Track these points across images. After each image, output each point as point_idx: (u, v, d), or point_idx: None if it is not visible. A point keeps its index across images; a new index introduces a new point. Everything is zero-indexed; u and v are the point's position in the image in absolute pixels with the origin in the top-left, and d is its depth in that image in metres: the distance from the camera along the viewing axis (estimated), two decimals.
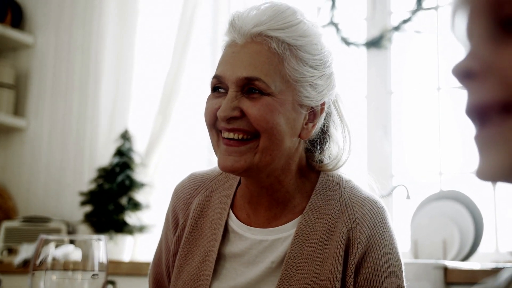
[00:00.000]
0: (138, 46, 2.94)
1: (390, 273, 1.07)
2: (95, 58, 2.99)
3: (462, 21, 0.46)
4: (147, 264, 2.55)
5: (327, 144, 1.16)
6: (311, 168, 1.15)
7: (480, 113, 0.43)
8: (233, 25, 1.06)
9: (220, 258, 1.13)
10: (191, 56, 2.83)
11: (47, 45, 3.19)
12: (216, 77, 1.06)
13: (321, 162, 1.15)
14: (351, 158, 1.16)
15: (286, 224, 1.10)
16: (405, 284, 1.09)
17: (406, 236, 2.46)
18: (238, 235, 1.13)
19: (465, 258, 2.30)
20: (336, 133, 1.17)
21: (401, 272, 1.09)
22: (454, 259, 2.29)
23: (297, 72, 1.04)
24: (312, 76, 1.06)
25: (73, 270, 0.91)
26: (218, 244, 1.12)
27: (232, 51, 1.06)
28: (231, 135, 1.04)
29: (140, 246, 2.76)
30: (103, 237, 0.94)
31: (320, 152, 1.16)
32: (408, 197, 2.45)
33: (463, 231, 2.31)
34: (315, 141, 1.15)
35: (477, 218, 2.31)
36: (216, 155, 1.07)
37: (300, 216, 1.10)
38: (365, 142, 2.73)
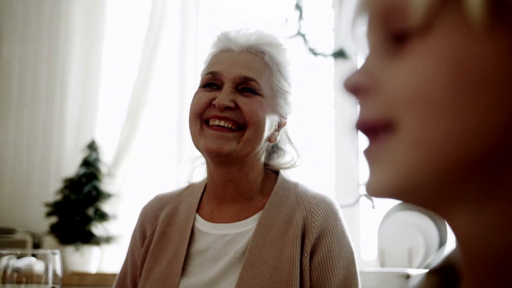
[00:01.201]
0: (105, 56, 2.93)
1: (343, 256, 1.17)
2: (61, 68, 2.97)
3: (362, 30, 0.45)
4: (114, 275, 2.53)
5: (281, 152, 1.33)
6: (268, 172, 1.29)
7: (368, 130, 0.43)
8: (228, 37, 1.22)
9: (187, 257, 1.21)
10: (159, 66, 2.83)
11: (13, 55, 3.15)
12: (212, 73, 1.20)
13: (278, 163, 1.31)
14: (304, 167, 1.31)
15: (247, 219, 1.22)
16: (357, 270, 1.19)
17: (372, 245, 2.48)
18: (203, 233, 1.23)
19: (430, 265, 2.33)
20: (285, 146, 1.33)
21: (353, 259, 1.19)
22: (419, 266, 2.32)
23: (281, 85, 1.22)
24: (287, 92, 1.24)
25: (27, 283, 0.91)
26: (186, 244, 1.21)
27: (229, 55, 1.20)
28: (222, 123, 1.17)
29: (107, 257, 2.74)
30: (58, 251, 0.94)
31: (276, 158, 1.32)
32: (373, 207, 2.47)
33: (428, 239, 2.34)
34: (271, 151, 1.31)
35: (441, 226, 2.34)
36: (198, 143, 1.19)
37: (261, 211, 1.22)
38: (332, 151, 2.75)
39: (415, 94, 0.40)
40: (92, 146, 2.74)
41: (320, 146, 2.78)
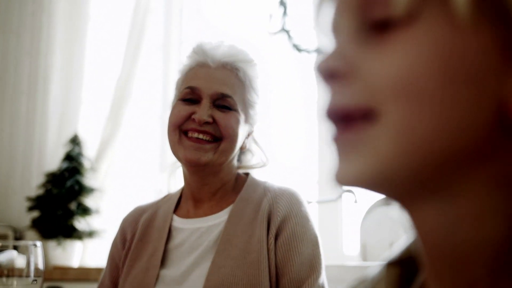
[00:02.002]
0: (88, 51, 2.91)
1: (307, 238, 1.26)
2: (44, 62, 2.94)
3: (329, 14, 0.44)
4: (96, 269, 2.53)
5: (250, 155, 1.45)
6: (239, 174, 1.41)
7: (342, 117, 0.42)
8: (203, 50, 1.32)
9: (166, 252, 1.31)
10: (142, 61, 2.82)
11: None
12: (190, 87, 1.30)
13: (249, 164, 1.44)
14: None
15: (219, 212, 1.32)
16: (321, 253, 1.27)
17: (355, 240, 2.50)
18: (179, 229, 1.33)
19: None
20: (251, 148, 1.44)
21: (317, 242, 1.27)
22: None
23: (252, 98, 1.34)
24: (257, 104, 1.36)
25: (8, 276, 0.90)
26: (163, 241, 1.31)
27: (206, 71, 1.31)
28: (200, 136, 1.28)
29: (90, 252, 2.73)
30: (39, 243, 0.93)
31: (247, 161, 1.45)
32: (355, 201, 2.49)
33: (410, 234, 2.37)
34: (241, 153, 1.42)
35: None
36: (177, 152, 1.30)
37: (231, 204, 1.32)
38: (316, 147, 2.76)
39: (400, 84, 0.39)
40: (75, 141, 2.72)
41: (303, 142, 2.79)
